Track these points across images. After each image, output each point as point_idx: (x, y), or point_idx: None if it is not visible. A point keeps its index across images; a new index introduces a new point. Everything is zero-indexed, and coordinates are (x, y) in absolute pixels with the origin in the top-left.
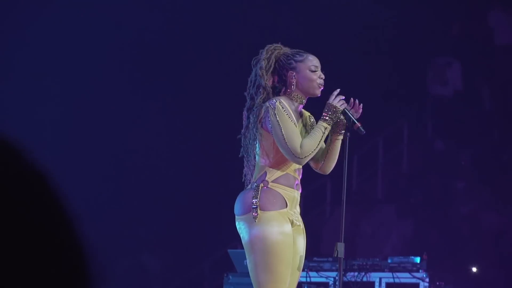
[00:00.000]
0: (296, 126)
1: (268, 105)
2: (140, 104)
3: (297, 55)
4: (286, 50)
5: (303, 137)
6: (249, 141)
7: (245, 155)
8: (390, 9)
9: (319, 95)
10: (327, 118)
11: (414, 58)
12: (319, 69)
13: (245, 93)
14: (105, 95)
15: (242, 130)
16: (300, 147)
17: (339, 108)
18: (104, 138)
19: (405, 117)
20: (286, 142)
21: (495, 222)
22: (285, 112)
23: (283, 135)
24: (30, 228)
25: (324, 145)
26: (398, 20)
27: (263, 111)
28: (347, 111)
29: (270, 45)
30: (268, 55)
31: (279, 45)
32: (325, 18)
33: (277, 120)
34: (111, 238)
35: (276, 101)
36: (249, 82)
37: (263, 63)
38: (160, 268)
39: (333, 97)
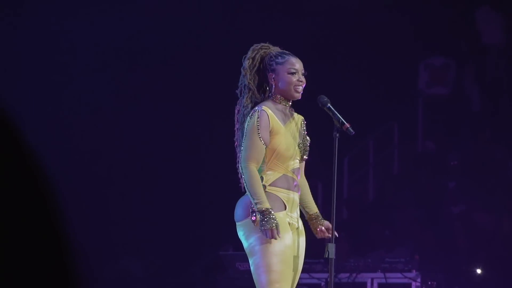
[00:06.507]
0: (262, 143)
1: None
2: (130, 105)
3: (279, 57)
4: (273, 50)
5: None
6: (237, 140)
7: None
8: (381, 9)
9: (299, 98)
10: (260, 220)
11: (403, 59)
12: (300, 71)
13: (237, 91)
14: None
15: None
16: (248, 165)
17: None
18: (89, 139)
19: (395, 118)
20: (242, 149)
21: (486, 222)
22: (258, 125)
23: (243, 143)
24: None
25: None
26: (389, 20)
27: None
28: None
29: (257, 45)
30: (253, 54)
31: (266, 44)
32: (315, 19)
33: (246, 129)
34: (98, 242)
35: (258, 110)
36: (239, 80)
37: (246, 63)
38: (150, 273)
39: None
